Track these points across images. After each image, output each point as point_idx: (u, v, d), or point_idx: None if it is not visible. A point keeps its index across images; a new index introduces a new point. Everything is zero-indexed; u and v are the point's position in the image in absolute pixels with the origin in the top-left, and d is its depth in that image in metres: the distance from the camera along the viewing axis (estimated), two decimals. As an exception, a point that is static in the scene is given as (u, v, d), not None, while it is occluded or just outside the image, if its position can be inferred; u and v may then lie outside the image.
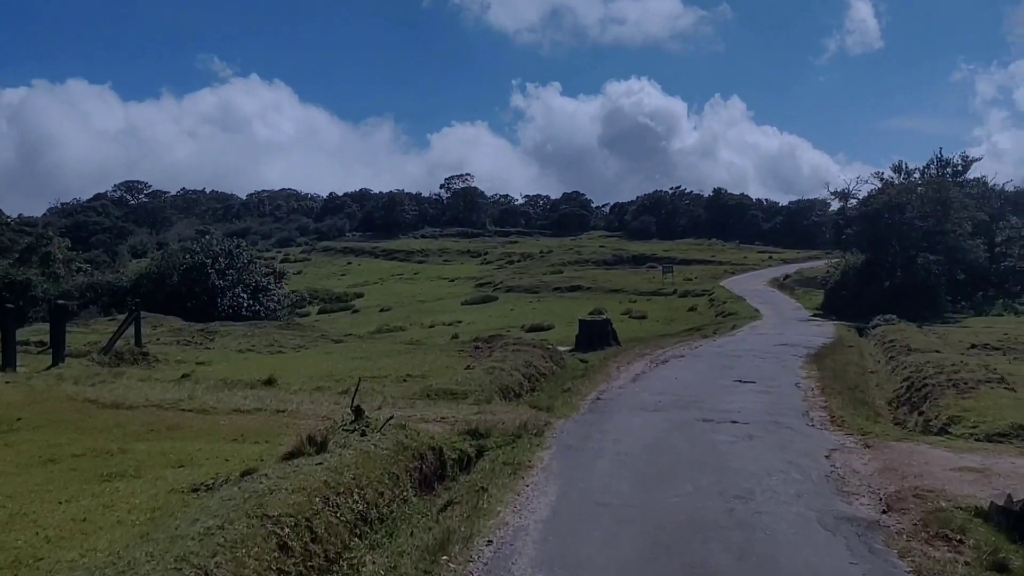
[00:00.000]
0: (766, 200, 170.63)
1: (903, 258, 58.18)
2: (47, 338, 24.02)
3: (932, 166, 66.34)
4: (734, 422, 15.85)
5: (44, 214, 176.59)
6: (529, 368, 22.53)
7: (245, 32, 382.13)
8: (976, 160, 67.18)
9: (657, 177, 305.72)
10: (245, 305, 49.23)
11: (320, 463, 9.31)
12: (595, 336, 33.38)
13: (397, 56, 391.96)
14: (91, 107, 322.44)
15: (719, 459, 12.48)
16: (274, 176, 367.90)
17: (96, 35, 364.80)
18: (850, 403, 18.73)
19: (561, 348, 33.49)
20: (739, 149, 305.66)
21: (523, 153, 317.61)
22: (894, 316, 46.69)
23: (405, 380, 20.86)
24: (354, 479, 9.17)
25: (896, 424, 17.30)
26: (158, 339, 29.61)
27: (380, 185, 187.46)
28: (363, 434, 11.03)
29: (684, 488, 10.71)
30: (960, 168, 66.36)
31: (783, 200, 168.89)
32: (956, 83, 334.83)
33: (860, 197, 62.48)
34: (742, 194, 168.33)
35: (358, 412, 11.68)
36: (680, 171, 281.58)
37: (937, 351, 27.74)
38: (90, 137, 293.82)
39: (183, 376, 20.41)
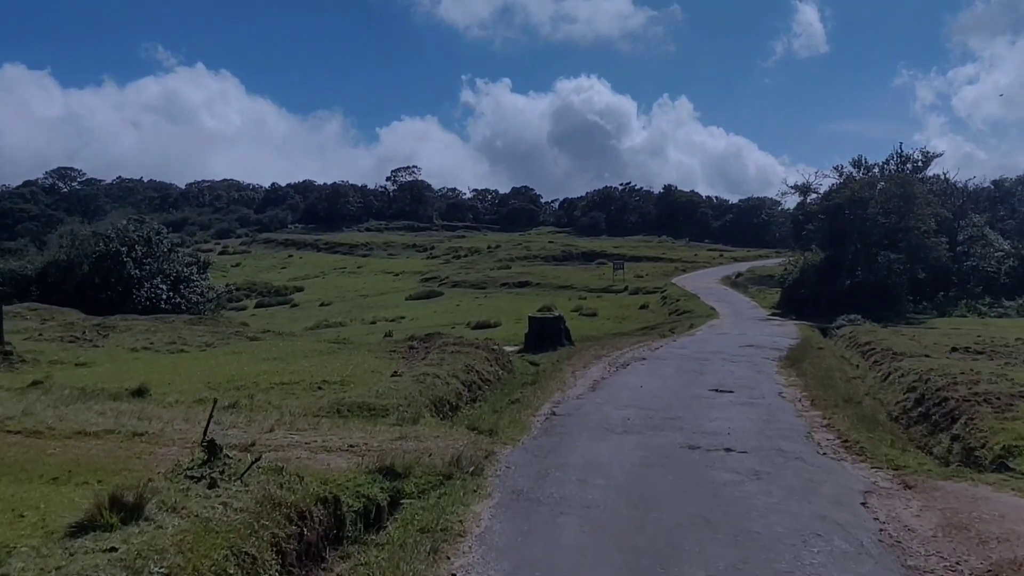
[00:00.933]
0: (716, 198, 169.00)
1: (864, 256, 55.77)
2: None
3: (892, 161, 63.94)
4: (728, 450, 12.44)
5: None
6: (470, 374, 18.93)
7: (191, 21, 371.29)
8: (937, 156, 64.80)
9: (606, 175, 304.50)
10: (164, 297, 44.97)
11: (112, 549, 5.68)
12: (546, 335, 29.86)
13: (346, 49, 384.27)
14: (29, 93, 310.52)
15: (729, 515, 9.03)
16: (220, 168, 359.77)
17: (35, 19, 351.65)
18: (856, 421, 15.49)
19: (508, 348, 30.03)
20: (687, 149, 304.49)
21: (473, 149, 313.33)
22: (859, 316, 44.47)
23: (319, 388, 17.19)
24: (167, 576, 5.54)
25: (921, 449, 14.05)
26: (41, 335, 25.53)
27: (328, 179, 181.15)
28: (213, 484, 7.40)
29: (695, 576, 7.25)
30: (920, 164, 63.93)
31: (732, 199, 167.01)
32: (897, 88, 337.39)
33: (821, 192, 59.81)
34: (692, 191, 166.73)
35: (211, 449, 8.02)
36: (630, 169, 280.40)
37: (927, 355, 24.78)
38: (28, 124, 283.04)
39: (33, 383, 16.50)
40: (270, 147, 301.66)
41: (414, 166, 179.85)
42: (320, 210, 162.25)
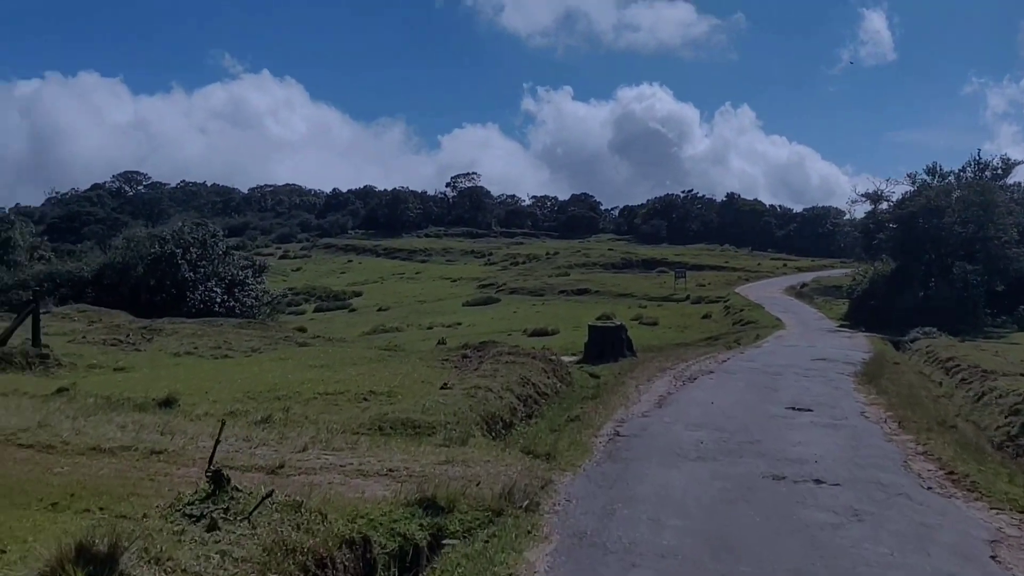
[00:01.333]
0: (780, 207, 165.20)
1: (938, 266, 53.27)
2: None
3: (969, 169, 61.11)
4: (819, 482, 10.90)
5: (43, 204, 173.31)
6: (525, 387, 17.50)
7: (256, 29, 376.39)
8: (1018, 163, 61.76)
9: (668, 183, 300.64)
10: (219, 300, 44.40)
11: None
12: (607, 345, 28.33)
13: (409, 57, 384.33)
14: (102, 100, 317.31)
15: (834, 570, 7.51)
16: (284, 174, 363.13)
17: (108, 28, 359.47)
18: (958, 449, 13.77)
19: (566, 358, 28.63)
20: (749, 157, 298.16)
21: (534, 156, 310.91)
22: (934, 329, 42.40)
23: (364, 400, 15.98)
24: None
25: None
26: (85, 337, 24.79)
27: (389, 185, 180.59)
28: (213, 526, 6.15)
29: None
30: (1000, 172, 61.06)
31: (796, 208, 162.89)
32: (967, 96, 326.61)
33: (893, 200, 57.24)
34: (756, 200, 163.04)
35: (216, 479, 6.76)
36: (692, 178, 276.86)
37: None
38: (101, 130, 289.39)
39: (58, 390, 15.51)
40: (333, 153, 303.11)
41: (474, 172, 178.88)
42: (380, 216, 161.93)
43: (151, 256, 44.62)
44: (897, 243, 53.97)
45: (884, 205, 58.24)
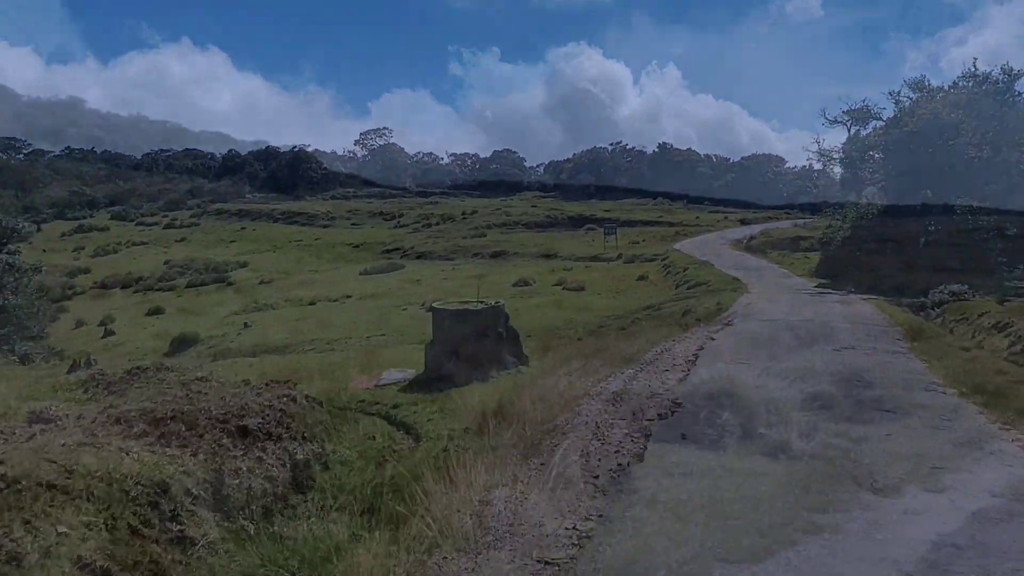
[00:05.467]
0: (716, 156, 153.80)
1: (940, 205, 40.96)
2: None
3: (963, 83, 47.97)
4: None
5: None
6: None
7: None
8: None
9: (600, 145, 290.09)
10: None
11: None
12: (470, 345, 14.40)
13: (334, 23, 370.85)
14: (12, 70, 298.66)
15: None
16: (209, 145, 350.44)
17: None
18: None
19: (398, 376, 15.01)
20: (680, 116, 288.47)
21: (465, 120, 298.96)
22: (966, 287, 30.81)
23: None
24: None
25: None
26: None
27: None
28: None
29: None
30: (1002, 84, 48.00)
31: (734, 157, 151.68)
32: (886, 51, 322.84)
33: (884, 119, 43.98)
34: (689, 149, 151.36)
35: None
36: (627, 138, 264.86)
37: None
38: (11, 101, 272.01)
39: None
40: (260, 123, 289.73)
41: (386, 129, 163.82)
42: (281, 178, 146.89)
43: None
44: (892, 175, 41.13)
45: (873, 126, 44.87)
